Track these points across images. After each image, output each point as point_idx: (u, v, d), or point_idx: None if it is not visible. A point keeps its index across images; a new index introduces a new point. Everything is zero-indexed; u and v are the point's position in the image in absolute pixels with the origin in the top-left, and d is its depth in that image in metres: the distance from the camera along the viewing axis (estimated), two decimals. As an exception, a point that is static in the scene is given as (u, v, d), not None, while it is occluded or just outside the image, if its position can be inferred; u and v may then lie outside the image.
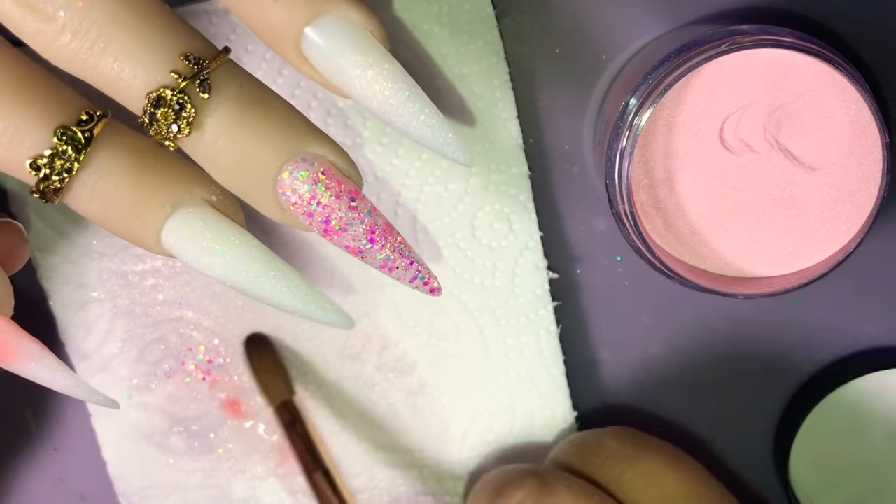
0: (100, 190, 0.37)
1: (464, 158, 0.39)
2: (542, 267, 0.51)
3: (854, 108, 0.44)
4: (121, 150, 0.38)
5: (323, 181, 0.38)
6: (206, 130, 0.37)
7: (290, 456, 0.53)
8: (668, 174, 0.45)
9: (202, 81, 0.37)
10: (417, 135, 0.39)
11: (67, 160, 0.37)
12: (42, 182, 0.37)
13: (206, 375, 0.53)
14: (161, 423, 0.53)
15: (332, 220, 0.38)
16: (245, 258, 0.38)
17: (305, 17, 0.38)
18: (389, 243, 0.39)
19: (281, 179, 0.38)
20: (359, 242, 0.39)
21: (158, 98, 0.36)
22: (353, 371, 0.53)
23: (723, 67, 0.44)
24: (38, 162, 0.37)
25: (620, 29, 0.49)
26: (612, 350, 0.53)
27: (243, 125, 0.37)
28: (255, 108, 0.38)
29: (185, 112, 0.37)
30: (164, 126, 0.37)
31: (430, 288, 0.40)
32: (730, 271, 0.47)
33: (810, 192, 0.45)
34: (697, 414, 0.54)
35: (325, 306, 0.39)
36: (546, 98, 0.50)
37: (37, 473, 0.55)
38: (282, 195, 0.38)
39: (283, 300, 0.39)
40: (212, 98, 0.37)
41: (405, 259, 0.39)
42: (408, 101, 0.38)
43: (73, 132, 0.37)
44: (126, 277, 0.52)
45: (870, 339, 0.52)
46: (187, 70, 0.37)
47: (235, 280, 0.38)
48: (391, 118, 0.38)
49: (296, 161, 0.38)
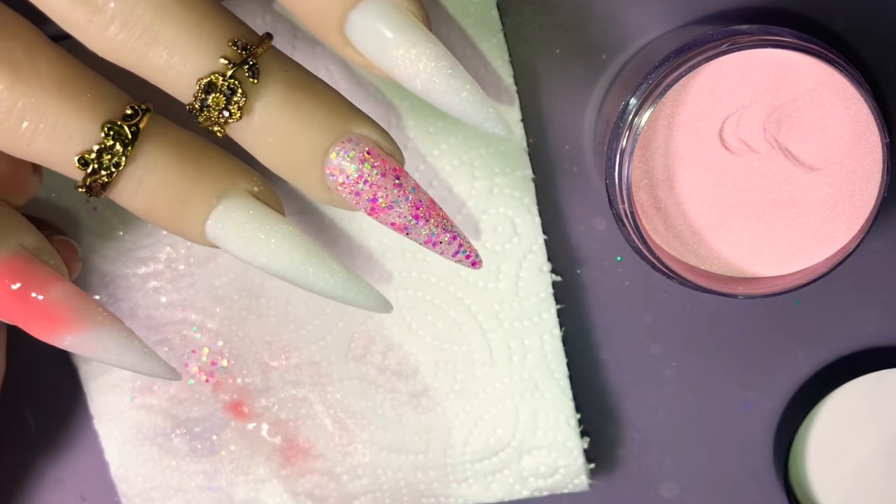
0: (146, 183, 0.38)
1: (504, 132, 0.40)
2: (545, 270, 0.51)
3: (854, 108, 0.44)
4: (165, 143, 0.38)
5: (369, 160, 0.39)
6: (255, 115, 0.38)
7: (292, 458, 0.53)
8: (668, 174, 0.45)
9: (251, 66, 0.37)
10: (460, 111, 0.39)
11: (115, 155, 0.37)
12: (89, 177, 0.38)
13: (209, 377, 0.53)
14: (163, 424, 0.53)
15: (378, 198, 0.39)
16: (289, 247, 0.39)
17: (349, 0, 0.38)
18: (433, 219, 0.40)
19: (328, 160, 0.39)
20: (404, 219, 0.40)
21: (209, 84, 0.37)
22: (357, 373, 0.53)
23: (723, 67, 0.44)
24: (86, 157, 0.37)
25: (620, 29, 0.49)
26: (612, 350, 0.53)
27: (291, 108, 0.38)
28: (302, 91, 0.39)
29: (235, 97, 0.37)
30: (216, 112, 0.38)
31: (472, 261, 0.41)
32: (730, 271, 0.47)
33: (810, 192, 0.45)
34: (697, 414, 0.53)
35: (366, 292, 0.40)
36: (546, 98, 0.50)
37: (37, 473, 0.55)
38: (329, 176, 0.39)
39: (325, 287, 0.40)
40: (260, 83, 0.38)
41: (448, 233, 0.41)
42: (450, 79, 0.39)
43: (120, 127, 0.37)
44: (128, 280, 0.52)
45: (870, 339, 0.52)
46: (236, 56, 0.37)
47: (279, 268, 0.39)
48: (435, 96, 0.39)
49: (342, 142, 0.39)
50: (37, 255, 0.40)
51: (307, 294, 0.52)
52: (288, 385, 0.53)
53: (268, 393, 0.53)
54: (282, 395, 0.53)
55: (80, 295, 0.40)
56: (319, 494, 0.54)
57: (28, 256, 0.40)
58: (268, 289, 0.52)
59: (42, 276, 0.40)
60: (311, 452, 0.53)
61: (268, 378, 0.53)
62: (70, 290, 0.40)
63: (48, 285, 0.40)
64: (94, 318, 0.40)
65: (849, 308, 0.52)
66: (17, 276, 0.39)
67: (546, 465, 0.53)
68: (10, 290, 0.39)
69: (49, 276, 0.40)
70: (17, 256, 0.40)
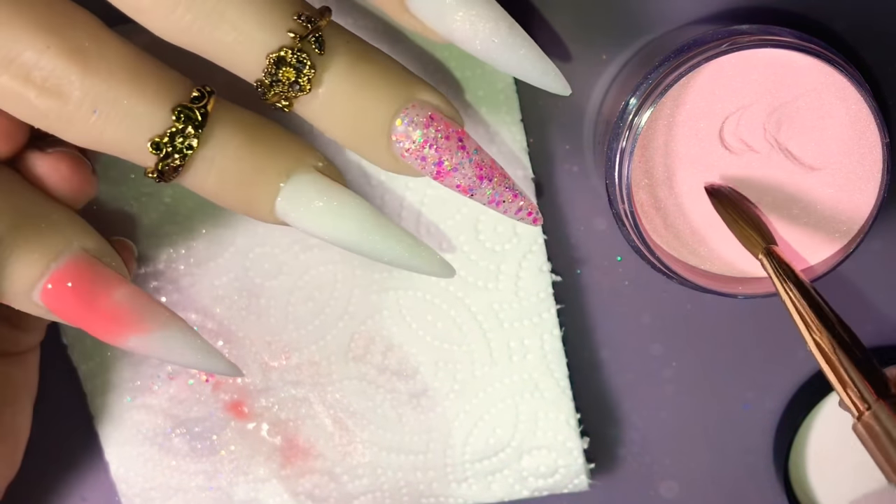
0: (217, 164, 0.39)
1: (562, 88, 0.41)
2: (545, 270, 0.51)
3: (854, 108, 0.44)
4: (234, 124, 0.39)
5: (433, 125, 0.40)
6: (323, 87, 0.39)
7: (292, 458, 0.53)
8: (668, 174, 0.45)
9: (317, 39, 0.38)
10: (518, 68, 0.40)
11: (188, 137, 0.38)
12: (162, 161, 0.38)
13: (209, 377, 0.53)
14: (163, 424, 0.53)
15: (444, 162, 0.40)
16: (357, 218, 0.40)
17: None
18: (496, 178, 0.41)
19: (395, 128, 0.40)
20: (470, 180, 0.41)
21: (279, 59, 0.38)
22: (356, 373, 0.53)
23: (723, 67, 0.44)
24: (158, 142, 0.38)
25: (620, 29, 0.49)
26: (612, 350, 0.53)
27: (356, 79, 0.39)
28: (365, 61, 0.39)
29: (305, 70, 0.38)
30: (286, 86, 0.38)
31: (533, 218, 0.43)
32: (730, 271, 0.47)
33: (810, 192, 0.45)
34: (697, 414, 0.53)
35: (431, 258, 0.42)
36: (546, 98, 0.50)
37: (37, 473, 0.55)
38: (396, 143, 0.40)
39: (394, 254, 0.41)
40: (325, 55, 0.38)
41: (510, 192, 0.42)
42: (508, 37, 0.39)
43: (190, 109, 0.38)
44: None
45: (870, 339, 0.52)
46: (301, 29, 0.38)
47: (350, 239, 0.40)
48: (493, 55, 0.40)
49: (406, 108, 0.40)
50: (99, 257, 0.40)
51: (307, 294, 0.52)
52: (288, 385, 0.53)
53: (268, 393, 0.53)
54: (282, 395, 0.53)
55: (144, 296, 0.41)
56: (319, 494, 0.54)
57: (91, 259, 0.40)
58: (268, 289, 0.52)
59: (106, 278, 0.40)
60: (311, 452, 0.53)
61: (268, 378, 0.53)
62: (134, 291, 0.40)
63: (112, 288, 0.40)
64: (158, 319, 0.40)
65: (849, 308, 0.52)
66: (82, 280, 0.40)
67: (546, 465, 0.53)
68: (75, 294, 0.40)
69: (113, 278, 0.40)
70: (80, 260, 0.40)
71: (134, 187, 0.50)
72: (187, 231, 0.51)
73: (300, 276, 0.52)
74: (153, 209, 0.51)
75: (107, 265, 0.40)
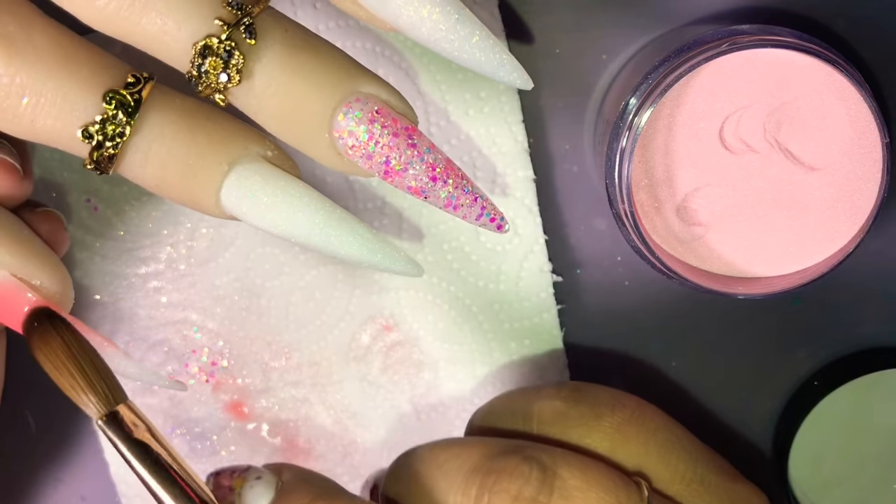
0: (154, 153, 0.37)
1: (521, 81, 0.38)
2: (546, 270, 0.51)
3: (854, 108, 0.44)
4: (171, 111, 0.37)
5: (379, 120, 0.37)
6: (256, 78, 0.36)
7: (292, 458, 0.53)
8: (668, 174, 0.45)
9: (247, 26, 0.36)
10: (470, 60, 0.37)
11: (119, 124, 0.36)
12: (95, 150, 0.36)
13: (209, 377, 0.53)
14: (163, 424, 0.53)
15: (391, 161, 0.37)
16: (308, 210, 0.37)
17: None
18: (452, 180, 0.38)
19: (336, 122, 0.37)
20: (421, 182, 0.37)
21: (205, 48, 0.36)
22: (357, 373, 0.53)
23: (723, 67, 0.44)
24: (89, 129, 0.36)
25: (620, 29, 0.49)
26: (611, 349, 0.53)
27: (293, 69, 0.36)
28: (303, 51, 0.37)
29: (233, 60, 0.36)
30: (214, 77, 0.36)
31: (497, 224, 0.39)
32: (730, 271, 0.47)
33: (810, 192, 0.45)
34: (697, 414, 0.53)
35: (393, 255, 0.38)
36: (546, 98, 0.50)
37: (37, 473, 0.55)
38: (339, 139, 0.37)
39: (349, 251, 0.38)
40: (258, 44, 0.36)
41: (469, 195, 0.38)
42: (458, 24, 0.37)
43: (122, 95, 0.36)
44: (129, 280, 0.52)
45: (870, 339, 0.52)
46: (231, 16, 0.36)
47: (300, 234, 0.38)
48: (442, 45, 0.37)
49: (349, 102, 0.37)
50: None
51: (308, 294, 0.52)
52: (288, 385, 0.53)
53: (268, 393, 0.53)
54: (282, 396, 0.53)
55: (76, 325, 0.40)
56: (319, 494, 0.54)
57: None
58: (268, 289, 0.52)
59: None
60: (311, 453, 0.53)
61: (268, 378, 0.53)
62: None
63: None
64: None
65: (849, 308, 0.52)
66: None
67: (546, 465, 0.53)
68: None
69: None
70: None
71: (135, 187, 0.50)
72: (188, 231, 0.51)
73: (301, 276, 0.52)
74: (154, 209, 0.51)
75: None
